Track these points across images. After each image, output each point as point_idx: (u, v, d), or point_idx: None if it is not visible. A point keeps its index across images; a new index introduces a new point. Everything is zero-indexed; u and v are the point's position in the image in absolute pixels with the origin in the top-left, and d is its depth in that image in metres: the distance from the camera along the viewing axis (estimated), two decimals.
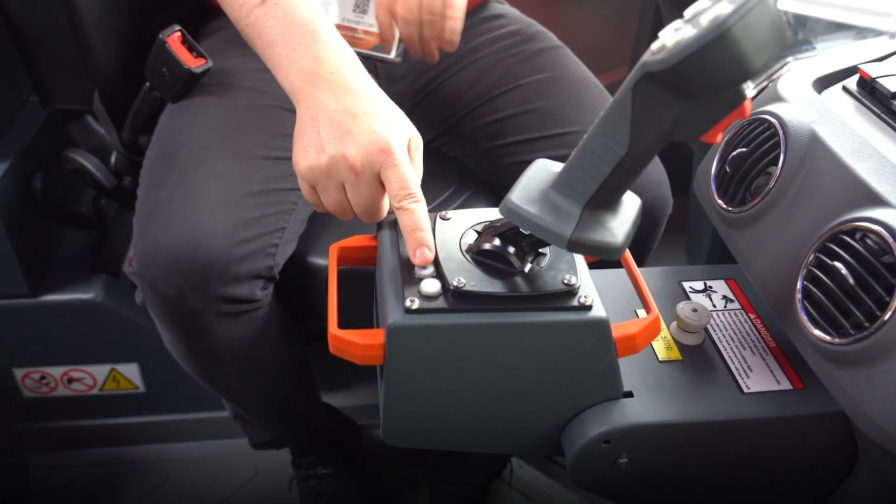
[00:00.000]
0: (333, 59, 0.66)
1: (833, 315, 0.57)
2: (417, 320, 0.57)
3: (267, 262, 0.83)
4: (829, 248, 0.58)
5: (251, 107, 0.91)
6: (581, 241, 0.53)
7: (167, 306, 0.81)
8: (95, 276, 1.20)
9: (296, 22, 0.67)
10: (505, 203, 0.55)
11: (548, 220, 0.53)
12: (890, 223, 0.54)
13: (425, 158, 1.07)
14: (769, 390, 0.65)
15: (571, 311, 0.58)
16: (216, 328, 0.83)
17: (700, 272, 0.78)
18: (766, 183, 0.67)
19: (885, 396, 0.53)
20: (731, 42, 0.43)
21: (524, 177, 0.57)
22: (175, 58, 0.88)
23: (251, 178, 0.84)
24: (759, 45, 0.44)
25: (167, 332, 0.88)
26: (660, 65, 0.45)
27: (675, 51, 0.44)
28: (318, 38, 0.67)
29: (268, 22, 0.68)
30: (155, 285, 0.81)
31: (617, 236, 0.54)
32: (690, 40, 0.43)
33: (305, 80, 0.65)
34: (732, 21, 0.42)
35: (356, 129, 0.62)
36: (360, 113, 0.63)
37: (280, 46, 0.67)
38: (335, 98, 0.64)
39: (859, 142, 0.63)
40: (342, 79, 0.65)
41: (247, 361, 0.89)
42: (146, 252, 0.81)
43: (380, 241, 0.66)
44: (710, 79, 0.45)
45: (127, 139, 1.03)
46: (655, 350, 0.68)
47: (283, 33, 0.67)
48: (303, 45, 0.66)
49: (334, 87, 0.64)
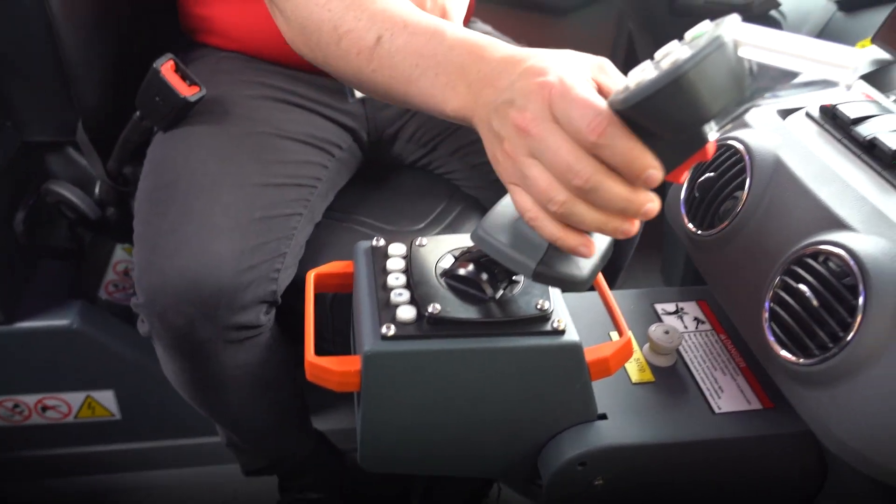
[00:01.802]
0: (474, 60, 0.56)
1: (799, 336, 0.58)
2: (393, 347, 0.57)
3: (271, 287, 0.84)
4: (793, 270, 0.60)
5: (246, 134, 0.91)
6: (545, 272, 0.54)
7: (176, 336, 0.81)
8: (71, 302, 1.19)
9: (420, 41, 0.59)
10: (476, 230, 0.56)
11: (515, 249, 0.54)
12: (850, 246, 0.56)
13: (412, 178, 1.08)
14: (740, 410, 0.66)
15: (545, 335, 0.59)
16: (222, 356, 0.84)
17: (672, 294, 0.80)
18: (733, 207, 0.69)
19: (849, 415, 0.55)
20: (686, 86, 0.43)
21: (498, 205, 0.58)
22: (170, 87, 0.88)
23: (253, 206, 0.85)
24: (715, 90, 0.44)
25: (172, 362, 0.88)
26: (619, 104, 0.46)
27: (635, 91, 0.45)
28: (449, 46, 0.58)
29: (394, 59, 0.61)
30: (164, 316, 0.80)
31: (583, 269, 0.54)
32: (649, 83, 0.44)
33: (465, 96, 0.56)
34: (689, 66, 0.43)
35: (514, 92, 0.51)
36: (516, 78, 0.52)
37: (421, 78, 0.59)
38: (493, 87, 0.53)
39: (821, 167, 0.65)
40: (490, 68, 0.54)
41: (248, 387, 0.89)
42: (154, 283, 0.81)
43: (356, 268, 0.67)
44: (668, 121, 0.46)
45: (113, 169, 1.03)
46: (629, 372, 0.70)
47: (417, 62, 0.59)
48: (443, 64, 0.58)
49: (487, 82, 0.54)
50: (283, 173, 0.90)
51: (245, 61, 0.99)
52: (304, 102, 0.98)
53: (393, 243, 0.67)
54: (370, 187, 1.06)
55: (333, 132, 0.99)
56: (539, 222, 0.51)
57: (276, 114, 0.95)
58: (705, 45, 0.43)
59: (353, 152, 1.03)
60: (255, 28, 0.97)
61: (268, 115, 0.94)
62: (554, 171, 0.49)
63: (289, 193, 0.89)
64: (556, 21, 1.58)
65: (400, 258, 0.65)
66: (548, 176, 0.49)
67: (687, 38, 0.48)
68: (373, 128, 1.04)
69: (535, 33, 1.56)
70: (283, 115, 0.95)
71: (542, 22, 1.57)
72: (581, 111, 0.47)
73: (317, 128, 0.97)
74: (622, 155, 0.47)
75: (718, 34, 0.44)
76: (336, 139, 0.99)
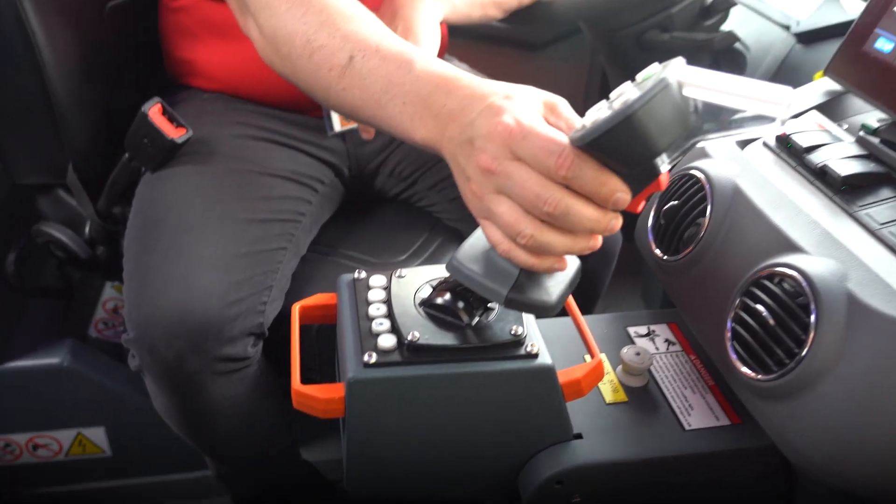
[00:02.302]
0: (439, 92, 0.58)
1: (758, 354, 0.61)
2: (375, 374, 0.60)
3: (258, 320, 0.86)
4: (752, 292, 0.63)
5: (230, 172, 0.94)
6: (517, 298, 0.57)
7: (166, 369, 0.84)
8: (61, 341, 1.21)
9: (391, 67, 0.61)
10: (450, 261, 0.59)
11: (487, 278, 0.57)
12: (802, 268, 0.59)
13: (394, 211, 1.11)
14: (709, 426, 0.69)
15: (519, 359, 0.62)
16: (211, 388, 0.86)
17: (644, 317, 0.83)
18: (696, 233, 0.72)
19: (807, 427, 0.58)
20: (636, 124, 0.47)
21: (471, 237, 0.61)
22: (157, 129, 0.92)
23: (239, 241, 0.88)
24: (662, 127, 0.48)
25: (162, 395, 0.90)
26: (577, 142, 0.50)
27: (590, 130, 0.49)
28: (416, 76, 0.59)
29: (364, 81, 0.62)
30: (154, 350, 0.83)
31: (551, 295, 0.58)
32: (602, 122, 0.48)
33: (432, 128, 0.58)
34: (637, 106, 0.47)
35: (474, 132, 0.53)
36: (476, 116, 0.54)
37: (389, 104, 0.61)
38: (458, 123, 0.55)
39: (776, 194, 0.69)
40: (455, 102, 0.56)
41: (237, 417, 0.91)
42: (144, 317, 0.83)
43: (339, 299, 0.70)
44: (622, 156, 0.50)
45: (103, 209, 1.06)
46: (603, 393, 0.73)
47: (385, 87, 0.61)
48: (410, 94, 0.59)
49: (452, 117, 0.56)
50: (268, 209, 0.93)
51: (228, 101, 1.03)
52: (287, 140, 1.01)
53: (374, 275, 0.70)
54: (353, 221, 1.09)
55: (316, 168, 1.02)
56: (512, 253, 0.54)
57: (259, 152, 0.98)
58: (652, 87, 0.47)
59: (335, 187, 1.06)
60: (236, 69, 1.01)
61: (251, 154, 0.98)
62: (523, 202, 0.51)
63: (273, 228, 0.92)
64: (532, 56, 1.63)
65: (381, 289, 0.68)
66: (515, 210, 0.52)
67: (638, 79, 0.52)
68: (354, 163, 1.08)
69: (512, 68, 1.61)
70: (267, 152, 0.99)
71: (518, 57, 1.62)
72: (547, 149, 0.50)
73: (299, 164, 1.00)
74: (591, 183, 0.51)
75: (664, 76, 0.48)
76: (319, 175, 1.02)
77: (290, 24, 0.67)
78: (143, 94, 0.95)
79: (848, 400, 0.55)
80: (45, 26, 0.95)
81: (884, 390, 0.54)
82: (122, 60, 1.08)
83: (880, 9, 0.75)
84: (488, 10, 0.96)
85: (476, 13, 0.95)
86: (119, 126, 0.96)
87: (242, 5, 0.73)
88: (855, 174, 0.68)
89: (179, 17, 1.02)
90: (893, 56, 0.72)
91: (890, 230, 0.63)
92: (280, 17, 0.68)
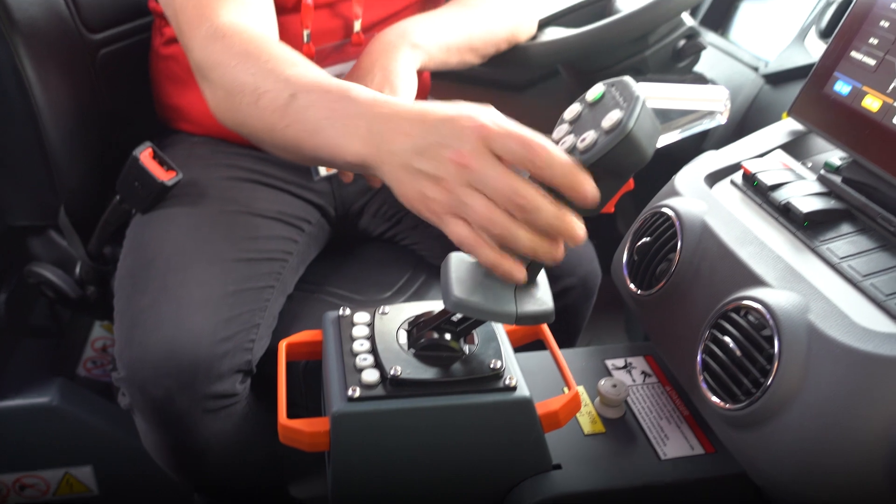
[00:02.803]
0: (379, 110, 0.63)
1: (727, 384, 0.64)
2: (359, 408, 0.62)
3: (246, 357, 0.88)
4: (720, 324, 0.66)
5: (219, 213, 0.97)
6: (525, 314, 0.60)
7: (156, 408, 0.85)
8: (50, 380, 1.22)
9: (332, 98, 0.66)
10: (450, 299, 0.60)
11: (492, 304, 0.60)
12: (766, 300, 0.62)
13: (379, 250, 1.14)
14: (684, 455, 0.72)
15: (498, 392, 0.64)
16: (200, 425, 0.87)
17: (621, 350, 0.86)
18: (668, 268, 0.75)
19: (774, 453, 0.60)
20: (633, 141, 0.53)
21: (451, 273, 0.63)
22: (148, 173, 0.95)
23: (227, 280, 0.90)
24: (649, 138, 0.55)
25: (152, 433, 0.91)
26: (582, 163, 0.55)
27: (593, 152, 0.54)
28: (353, 100, 0.64)
29: (307, 113, 0.67)
30: (144, 388, 0.85)
31: (548, 303, 0.61)
32: (602, 144, 0.54)
33: (368, 143, 0.62)
34: (632, 124, 0.53)
35: (442, 136, 0.58)
36: (436, 123, 0.58)
37: (329, 128, 0.65)
38: (405, 134, 0.60)
39: (742, 230, 0.72)
40: (399, 118, 0.61)
41: (225, 454, 0.92)
42: (134, 357, 0.85)
43: (325, 336, 0.72)
44: (616, 169, 0.56)
45: (94, 250, 1.08)
46: (581, 424, 0.75)
47: (327, 115, 0.66)
48: (350, 115, 0.64)
49: (397, 129, 0.60)
50: (255, 249, 0.95)
51: (216, 145, 1.06)
52: (274, 181, 1.04)
53: (358, 312, 0.72)
54: (339, 259, 1.11)
55: (302, 209, 1.05)
56: (478, 248, 0.57)
57: (246, 193, 1.01)
58: (633, 104, 0.53)
59: (321, 227, 1.09)
60: None
61: (239, 195, 1.00)
62: (497, 195, 0.55)
63: (261, 267, 0.95)
64: (514, 96, 1.67)
65: (365, 325, 0.71)
66: (487, 202, 0.56)
67: (588, 99, 0.58)
68: (339, 203, 1.11)
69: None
70: (254, 194, 1.02)
71: (500, 97, 1.66)
72: (519, 142, 0.55)
73: (286, 205, 1.03)
74: (562, 172, 0.55)
75: (636, 93, 0.53)
76: (305, 215, 1.05)
77: (241, 78, 0.73)
78: (135, 138, 0.98)
79: (811, 427, 0.58)
80: (39, 74, 0.98)
81: (844, 417, 0.57)
82: (113, 106, 1.12)
83: (838, 53, 0.79)
84: (465, 56, 1.00)
85: (453, 59, 0.98)
86: (110, 169, 0.99)
87: (195, 68, 0.80)
88: (816, 211, 0.71)
89: (169, 64, 1.05)
90: (851, 98, 0.76)
91: (849, 264, 0.66)
92: (230, 70, 0.75)
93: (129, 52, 1.13)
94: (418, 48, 0.92)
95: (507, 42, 1.06)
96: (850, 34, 0.78)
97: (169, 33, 1.04)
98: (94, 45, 1.07)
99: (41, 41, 0.98)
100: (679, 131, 0.58)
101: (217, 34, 0.77)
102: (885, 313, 0.60)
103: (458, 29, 0.98)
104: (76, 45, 1.05)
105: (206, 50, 0.77)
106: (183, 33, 0.81)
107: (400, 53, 0.90)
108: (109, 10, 1.10)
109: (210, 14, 0.79)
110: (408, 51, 0.90)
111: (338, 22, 1.01)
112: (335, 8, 1.00)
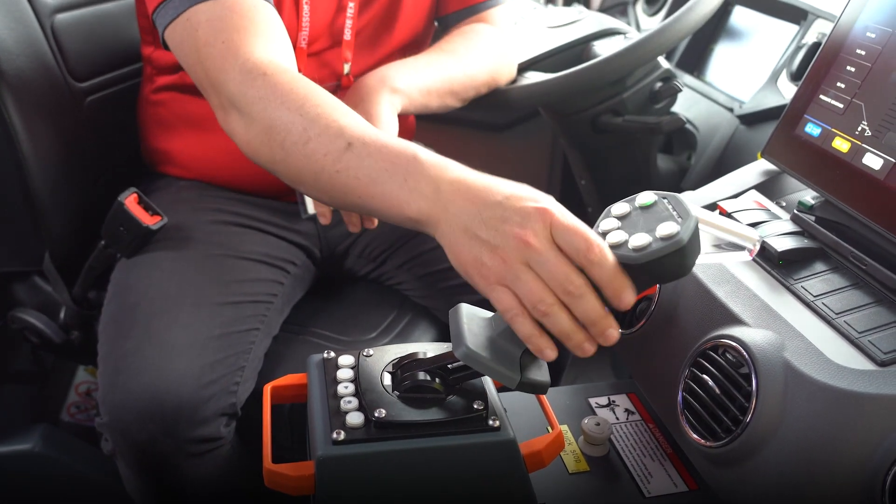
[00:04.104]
0: (446, 174, 0.65)
1: (707, 422, 0.65)
2: (343, 451, 0.63)
3: (230, 400, 0.89)
4: (699, 362, 0.67)
5: (204, 257, 0.98)
6: (528, 381, 0.63)
7: (139, 453, 0.85)
8: (34, 426, 1.21)
9: (393, 152, 0.67)
10: (461, 349, 0.62)
11: (499, 364, 0.62)
12: (743, 339, 0.63)
13: (364, 290, 1.15)
14: (668, 493, 0.72)
15: (482, 433, 0.65)
16: (184, 469, 0.87)
17: (605, 388, 0.87)
18: (648, 307, 0.77)
19: (756, 490, 0.61)
20: (683, 254, 0.58)
21: (464, 324, 0.64)
22: (134, 218, 0.96)
23: (212, 324, 0.90)
24: (693, 255, 0.59)
25: (136, 479, 0.91)
26: (630, 261, 0.59)
27: (645, 254, 0.58)
28: (421, 161, 0.66)
29: (363, 161, 0.68)
30: (127, 433, 0.84)
31: (546, 375, 0.64)
32: (655, 249, 0.58)
33: (433, 202, 0.64)
34: (686, 239, 0.58)
35: (507, 211, 0.60)
36: (503, 199, 0.61)
37: (388, 181, 0.66)
38: (470, 201, 0.62)
39: (719, 269, 0.73)
40: (466, 186, 0.63)
41: (210, 498, 0.92)
42: (118, 402, 0.85)
43: (309, 379, 0.73)
44: (658, 275, 0.61)
45: (78, 295, 1.08)
46: (566, 463, 0.75)
47: (386, 167, 0.66)
48: (413, 173, 0.65)
49: (463, 195, 0.63)
50: (240, 291, 0.96)
51: (202, 188, 1.07)
52: (259, 224, 1.05)
53: (343, 355, 0.73)
54: (324, 300, 1.12)
55: (287, 250, 1.06)
56: (519, 319, 0.60)
57: (232, 236, 1.02)
58: (688, 222, 0.58)
59: (307, 268, 1.10)
60: (210, 159, 1.05)
61: (224, 239, 1.01)
62: (551, 279, 0.59)
63: (246, 310, 0.95)
64: (496, 137, 1.70)
65: (349, 368, 0.71)
66: (540, 281, 0.59)
67: (638, 204, 0.63)
68: (325, 245, 1.12)
69: (477, 149, 1.68)
70: (240, 237, 1.03)
71: (483, 138, 1.69)
72: (581, 237, 0.59)
73: (271, 247, 1.04)
74: (608, 273, 0.58)
75: (692, 213, 0.59)
76: (290, 257, 1.06)
77: (286, 116, 0.72)
78: (120, 182, 0.99)
79: (790, 463, 0.59)
80: (25, 123, 0.99)
81: (821, 453, 0.57)
82: (99, 152, 1.13)
83: (808, 97, 0.82)
84: (446, 99, 1.02)
85: (434, 103, 1.01)
86: (96, 214, 1.00)
87: (226, 102, 0.78)
88: (790, 250, 0.73)
89: (158, 109, 1.07)
90: (822, 140, 0.78)
91: (823, 302, 0.68)
92: (276, 108, 0.73)
93: (116, 98, 1.14)
94: (398, 92, 0.94)
95: (486, 86, 1.08)
96: (819, 78, 0.81)
97: (160, 82, 1.05)
98: (80, 92, 1.09)
99: (28, 91, 1.00)
100: (711, 255, 0.64)
101: (256, 70, 0.75)
102: (859, 350, 0.62)
103: (437, 73, 1.00)
104: (63, 93, 1.06)
105: (244, 85, 0.75)
106: (210, 69, 0.78)
107: (381, 97, 0.92)
108: (96, 59, 1.12)
109: (244, 50, 0.77)
110: (388, 95, 0.93)
111: (325, 71, 1.03)
112: (322, 57, 1.02)
